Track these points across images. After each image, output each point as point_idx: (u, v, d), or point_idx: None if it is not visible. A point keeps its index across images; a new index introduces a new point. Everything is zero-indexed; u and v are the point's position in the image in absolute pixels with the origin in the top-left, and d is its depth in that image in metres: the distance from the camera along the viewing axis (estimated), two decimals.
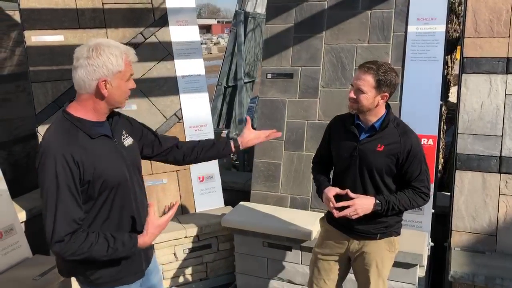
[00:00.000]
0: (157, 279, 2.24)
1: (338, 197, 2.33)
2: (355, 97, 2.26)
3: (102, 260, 1.85)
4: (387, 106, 2.36)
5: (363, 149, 2.33)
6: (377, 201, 2.27)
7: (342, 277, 2.61)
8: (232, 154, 2.25)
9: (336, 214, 2.29)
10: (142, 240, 1.91)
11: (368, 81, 2.22)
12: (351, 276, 2.67)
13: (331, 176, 2.56)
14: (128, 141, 2.05)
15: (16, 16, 4.25)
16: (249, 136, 2.38)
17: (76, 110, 1.86)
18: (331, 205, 2.31)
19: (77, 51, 1.83)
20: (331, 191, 2.35)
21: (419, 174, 2.31)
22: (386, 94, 2.26)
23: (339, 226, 2.48)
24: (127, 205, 1.95)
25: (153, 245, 2.17)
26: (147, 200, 2.12)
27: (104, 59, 1.79)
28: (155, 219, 1.93)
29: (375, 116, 2.32)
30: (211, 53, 30.90)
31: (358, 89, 2.25)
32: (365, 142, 2.33)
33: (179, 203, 2.05)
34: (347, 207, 2.26)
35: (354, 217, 2.26)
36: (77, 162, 1.76)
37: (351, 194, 2.29)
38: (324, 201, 2.39)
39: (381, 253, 2.42)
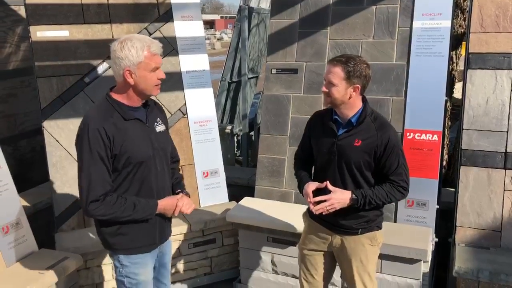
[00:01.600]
0: (168, 259, 2.53)
1: (318, 191, 2.36)
2: (327, 90, 2.30)
3: (125, 220, 2.13)
4: (364, 100, 2.38)
5: (341, 144, 2.35)
6: (354, 195, 2.30)
7: (329, 270, 2.64)
8: None
9: (313, 209, 2.32)
10: (161, 203, 2.21)
11: (337, 73, 2.25)
12: None
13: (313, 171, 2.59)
14: (160, 127, 2.30)
15: (21, 11, 4.27)
16: None
17: (115, 95, 2.17)
18: (309, 200, 2.35)
19: (111, 47, 2.11)
20: (311, 186, 2.38)
21: (397, 168, 2.32)
22: (358, 85, 2.28)
23: (321, 221, 2.50)
24: (146, 182, 2.20)
25: (170, 223, 2.41)
26: (169, 183, 2.36)
27: (126, 52, 2.04)
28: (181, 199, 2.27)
29: (351, 111, 2.34)
30: (214, 49, 30.86)
31: (329, 82, 2.28)
32: (343, 137, 2.36)
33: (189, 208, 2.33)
34: (324, 201, 2.30)
35: (331, 211, 2.30)
36: (108, 136, 2.06)
37: (330, 187, 2.32)
38: (304, 196, 2.43)
39: (363, 247, 2.45)
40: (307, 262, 2.61)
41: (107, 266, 3.36)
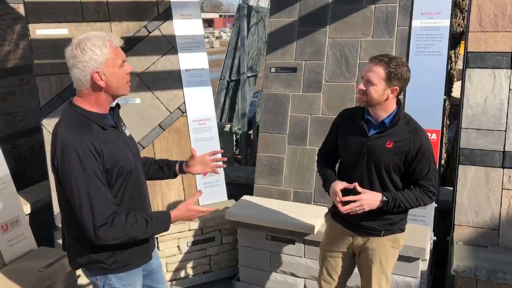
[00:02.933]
0: (157, 264, 2.35)
1: (345, 191, 2.32)
2: (364, 88, 2.24)
3: (140, 238, 1.96)
4: (398, 103, 2.33)
5: (372, 145, 2.30)
6: (384, 197, 2.26)
7: (348, 271, 2.63)
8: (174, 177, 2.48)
9: (342, 208, 2.28)
10: (175, 214, 2.05)
11: (378, 72, 2.20)
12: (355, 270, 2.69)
13: (336, 169, 2.56)
14: (127, 132, 2.15)
15: (20, 9, 4.26)
16: (194, 166, 2.40)
17: (82, 104, 1.93)
18: (337, 199, 2.31)
19: (65, 53, 1.90)
20: (339, 185, 2.33)
21: (428, 173, 2.28)
22: (396, 88, 2.23)
23: (343, 222, 2.48)
24: (137, 190, 2.07)
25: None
26: (146, 186, 2.23)
27: (90, 54, 1.85)
28: (192, 203, 2.08)
29: (385, 112, 2.29)
30: (213, 47, 30.82)
31: (368, 80, 2.23)
32: (374, 138, 2.31)
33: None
34: (353, 201, 2.26)
35: (359, 211, 2.26)
36: (97, 151, 1.84)
37: (359, 188, 2.28)
38: (330, 195, 2.38)
39: (385, 249, 2.43)
40: (327, 263, 2.60)
41: None
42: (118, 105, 2.13)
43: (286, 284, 3.47)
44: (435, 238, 3.31)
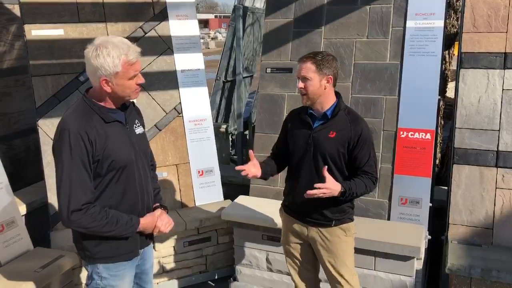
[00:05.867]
0: (150, 265, 2.41)
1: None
2: (303, 86, 2.40)
3: (104, 235, 2.02)
4: (338, 95, 2.49)
5: (317, 136, 2.45)
6: (343, 188, 2.36)
7: (315, 259, 2.68)
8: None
9: (308, 193, 2.31)
10: (142, 222, 2.12)
11: (309, 67, 2.38)
12: None
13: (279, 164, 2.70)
14: (139, 130, 2.20)
15: (16, 10, 4.26)
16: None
17: (92, 96, 2.05)
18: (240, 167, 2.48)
19: (85, 50, 1.98)
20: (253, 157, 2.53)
21: (368, 159, 2.43)
22: (330, 76, 2.40)
23: (295, 214, 2.59)
24: (130, 187, 2.10)
25: (152, 235, 2.31)
26: (151, 187, 2.28)
27: (101, 61, 1.91)
28: (157, 220, 2.19)
29: (326, 104, 2.45)
30: (208, 48, 30.85)
31: (304, 77, 2.39)
32: (318, 130, 2.46)
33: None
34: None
35: (321, 196, 2.32)
36: (90, 140, 1.94)
37: (325, 173, 2.33)
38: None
39: (339, 239, 2.52)
40: (292, 255, 2.70)
41: None
42: (132, 102, 2.20)
43: (282, 284, 3.48)
44: (430, 237, 3.33)
